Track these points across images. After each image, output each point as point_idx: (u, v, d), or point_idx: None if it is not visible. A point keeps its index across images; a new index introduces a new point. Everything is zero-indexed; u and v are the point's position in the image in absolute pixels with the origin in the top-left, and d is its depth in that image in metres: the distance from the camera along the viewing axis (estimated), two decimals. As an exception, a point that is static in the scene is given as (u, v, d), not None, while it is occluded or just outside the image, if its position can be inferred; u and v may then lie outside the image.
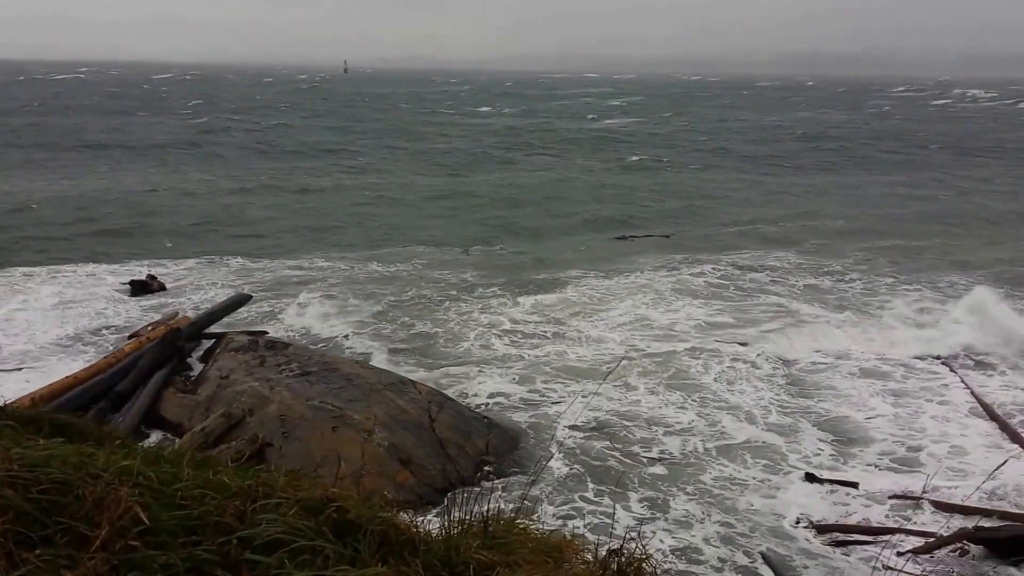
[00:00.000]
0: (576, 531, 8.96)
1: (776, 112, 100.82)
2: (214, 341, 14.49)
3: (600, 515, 9.59)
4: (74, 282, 19.88)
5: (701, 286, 20.75)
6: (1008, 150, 58.21)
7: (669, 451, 11.47)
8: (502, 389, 13.59)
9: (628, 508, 9.94)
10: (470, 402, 12.86)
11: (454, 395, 12.88)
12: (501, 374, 14.25)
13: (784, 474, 10.90)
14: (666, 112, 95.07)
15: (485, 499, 3.25)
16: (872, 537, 9.37)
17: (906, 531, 9.46)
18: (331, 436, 10.46)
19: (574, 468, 10.84)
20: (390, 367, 14.22)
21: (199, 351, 14.35)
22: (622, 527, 9.17)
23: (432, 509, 9.28)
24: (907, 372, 14.86)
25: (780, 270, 22.71)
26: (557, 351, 15.53)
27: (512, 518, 3.12)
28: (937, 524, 9.49)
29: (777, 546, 9.15)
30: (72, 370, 13.04)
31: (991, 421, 12.60)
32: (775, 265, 23.28)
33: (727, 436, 11.97)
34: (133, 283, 19.17)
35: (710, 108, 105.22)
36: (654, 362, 14.87)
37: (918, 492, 10.31)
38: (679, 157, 51.96)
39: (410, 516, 3.03)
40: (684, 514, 9.78)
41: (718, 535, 9.33)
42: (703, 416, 12.62)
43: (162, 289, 19.21)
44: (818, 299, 19.73)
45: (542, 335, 16.53)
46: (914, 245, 26.40)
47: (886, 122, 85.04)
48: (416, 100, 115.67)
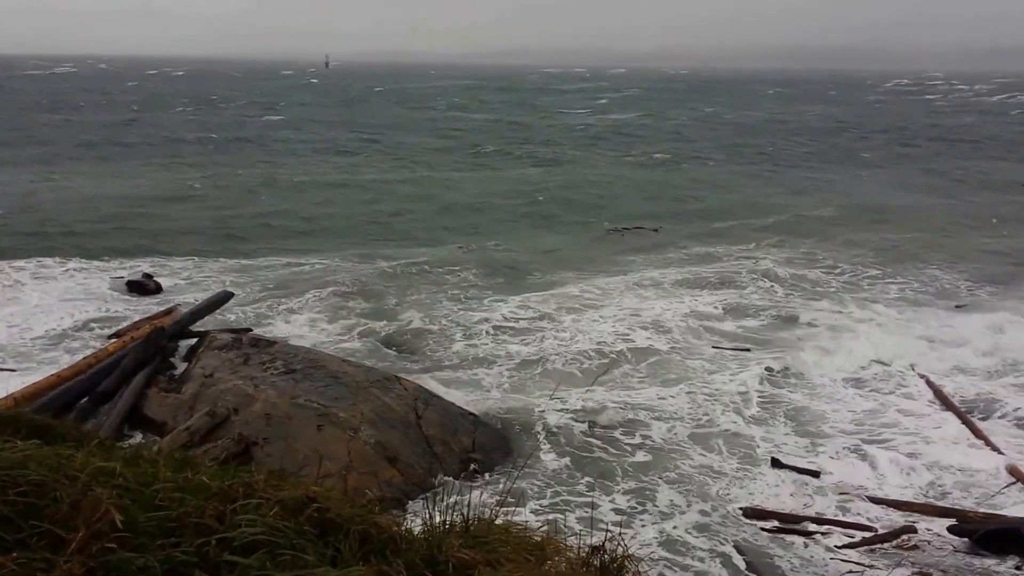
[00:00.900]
0: (563, 524, 9.09)
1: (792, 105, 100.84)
2: (197, 340, 14.40)
3: (587, 508, 9.68)
4: (69, 280, 19.77)
5: (691, 279, 20.98)
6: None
7: (652, 439, 11.77)
8: (491, 385, 13.61)
9: (613, 500, 10.08)
10: (457, 399, 12.85)
11: (442, 392, 12.88)
12: (490, 370, 14.25)
13: (755, 464, 11.25)
14: (674, 108, 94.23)
15: (470, 497, 3.25)
16: (797, 525, 9.60)
17: (846, 523, 9.64)
18: (317, 435, 10.42)
19: (562, 461, 10.96)
20: (377, 364, 14.18)
21: (183, 350, 14.26)
22: (608, 521, 9.29)
23: (417, 507, 9.28)
24: (878, 367, 15.08)
25: (773, 261, 23.10)
26: (546, 347, 15.56)
27: (495, 516, 3.12)
28: (890, 518, 9.78)
29: (730, 534, 9.37)
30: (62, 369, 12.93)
31: (955, 415, 12.77)
32: (767, 257, 23.69)
33: (709, 425, 12.33)
34: (130, 283, 19.19)
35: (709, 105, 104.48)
36: (643, 356, 15.07)
37: (871, 484, 10.61)
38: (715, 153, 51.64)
39: (396, 514, 3.03)
40: (667, 503, 10.01)
41: (695, 524, 9.56)
42: (686, 406, 12.97)
43: (159, 289, 19.17)
44: (806, 291, 20.02)
45: (531, 330, 16.54)
46: (908, 237, 26.72)
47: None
48: (442, 96, 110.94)
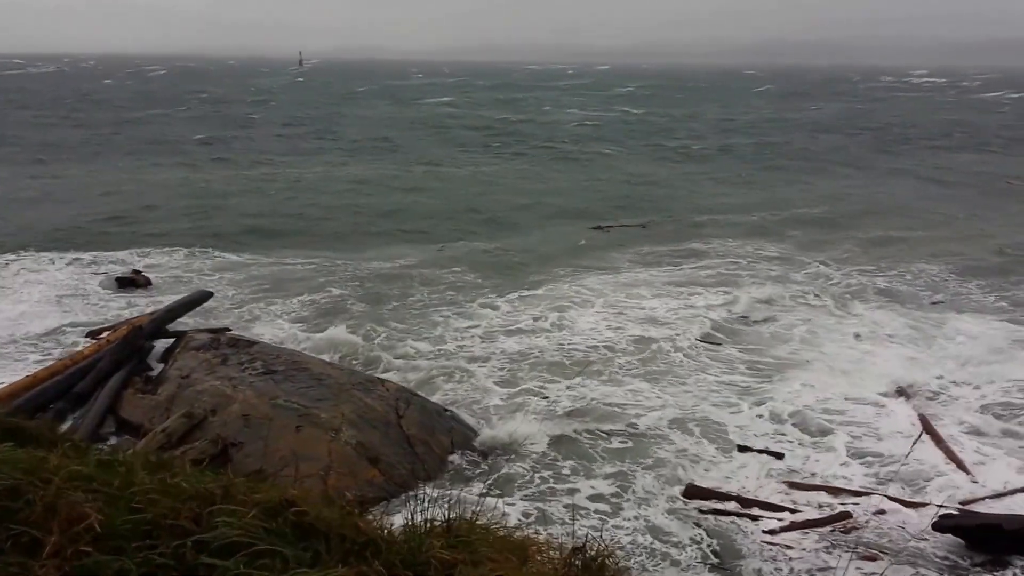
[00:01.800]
0: (548, 516, 9.32)
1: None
2: (174, 340, 14.23)
3: (569, 501, 9.85)
4: (59, 276, 19.66)
5: (679, 276, 21.20)
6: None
7: (635, 426, 12.06)
8: (478, 384, 13.62)
9: (595, 489, 10.30)
10: (442, 398, 12.86)
11: (427, 392, 12.90)
12: (480, 368, 14.27)
13: (726, 451, 11.57)
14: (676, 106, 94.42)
15: (450, 496, 3.24)
16: (742, 508, 9.83)
17: (781, 507, 9.88)
18: (296, 436, 10.35)
19: (549, 454, 11.17)
20: (365, 362, 14.29)
21: (159, 350, 14.09)
22: (592, 513, 9.62)
23: (399, 507, 9.26)
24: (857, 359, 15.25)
25: (759, 259, 23.39)
26: (536, 343, 15.62)
27: (477, 515, 3.11)
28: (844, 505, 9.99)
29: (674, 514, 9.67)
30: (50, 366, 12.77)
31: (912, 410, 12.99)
32: (752, 253, 23.99)
33: (687, 412, 12.62)
34: (120, 279, 19.10)
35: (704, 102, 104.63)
36: (629, 350, 15.32)
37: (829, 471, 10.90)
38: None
39: (377, 515, 3.01)
40: (643, 490, 10.25)
41: (669, 510, 9.79)
42: (668, 396, 13.27)
43: (148, 284, 19.08)
44: (791, 286, 20.33)
45: (520, 329, 16.58)
46: (895, 236, 26.96)
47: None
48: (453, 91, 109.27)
